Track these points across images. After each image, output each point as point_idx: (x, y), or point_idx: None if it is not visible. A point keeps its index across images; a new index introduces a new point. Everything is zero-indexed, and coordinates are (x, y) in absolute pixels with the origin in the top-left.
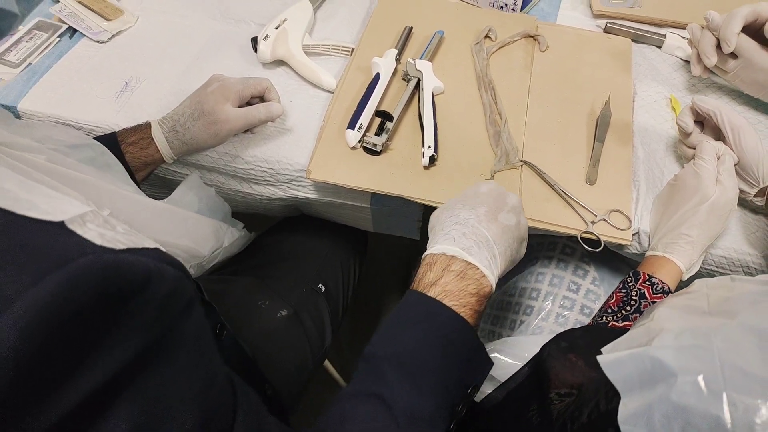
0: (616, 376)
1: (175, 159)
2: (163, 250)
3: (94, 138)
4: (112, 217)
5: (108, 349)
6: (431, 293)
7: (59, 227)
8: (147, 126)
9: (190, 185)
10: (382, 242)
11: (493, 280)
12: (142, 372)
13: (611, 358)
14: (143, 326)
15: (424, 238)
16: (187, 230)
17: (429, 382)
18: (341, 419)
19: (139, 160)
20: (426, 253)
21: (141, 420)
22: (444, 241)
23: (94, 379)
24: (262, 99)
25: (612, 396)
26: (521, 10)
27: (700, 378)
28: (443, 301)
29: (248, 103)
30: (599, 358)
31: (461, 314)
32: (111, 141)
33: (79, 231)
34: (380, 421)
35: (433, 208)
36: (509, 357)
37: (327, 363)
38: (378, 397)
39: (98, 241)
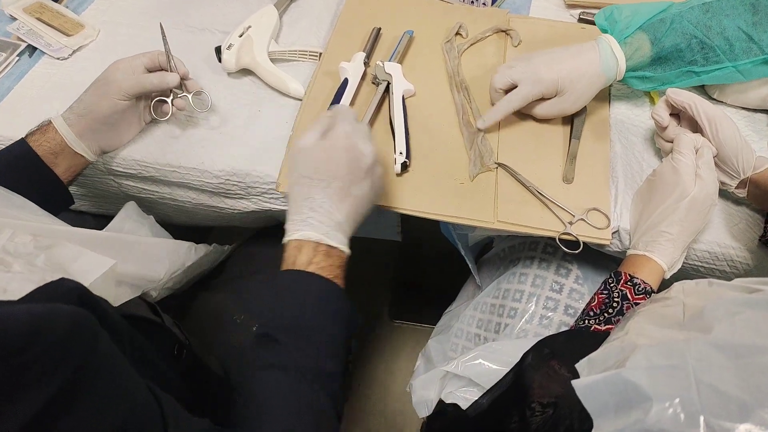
0: (589, 402)
1: (78, 140)
2: (70, 279)
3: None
4: (12, 242)
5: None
6: (309, 270)
7: None
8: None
9: (128, 213)
10: (364, 245)
11: (348, 250)
12: (57, 418)
13: (585, 383)
14: (42, 377)
15: (406, 239)
16: (133, 256)
17: (323, 340)
18: (253, 397)
19: (43, 147)
20: (290, 237)
21: None
22: (305, 228)
23: None
24: None
25: (585, 417)
26: (492, 5)
27: (676, 402)
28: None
29: None
30: (573, 382)
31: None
32: (20, 142)
33: None
34: (290, 385)
35: (411, 216)
36: (494, 363)
37: None
38: (282, 367)
39: None
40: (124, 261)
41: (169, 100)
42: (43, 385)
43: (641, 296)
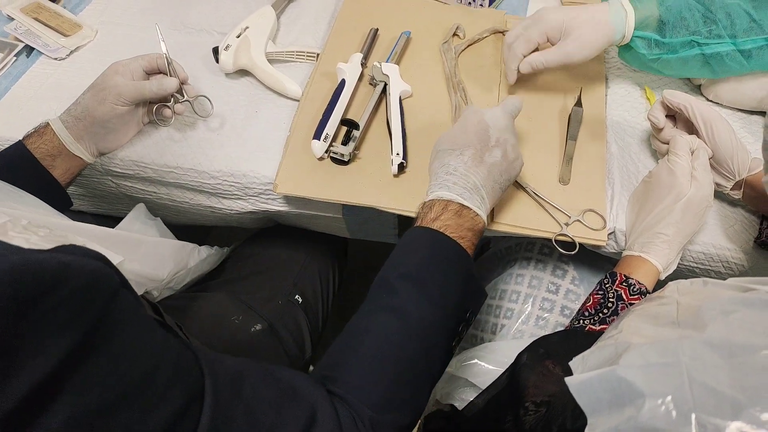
0: (583, 398)
1: (76, 143)
2: (87, 247)
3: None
4: (31, 224)
5: (32, 353)
6: (434, 227)
7: None
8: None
9: (137, 215)
10: (363, 246)
11: (484, 217)
12: (78, 367)
13: (579, 380)
14: (67, 323)
15: None
16: (139, 254)
17: (435, 294)
18: (359, 332)
19: (40, 149)
20: (425, 199)
21: (90, 407)
22: (439, 189)
23: (27, 381)
24: None
25: (578, 414)
26: (489, 5)
27: (669, 399)
28: (444, 233)
29: None
30: (567, 379)
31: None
32: (17, 145)
33: (3, 239)
34: (395, 327)
35: (408, 217)
36: (490, 363)
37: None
38: (391, 309)
39: (25, 246)
40: (130, 259)
41: (170, 105)
42: (69, 329)
43: (636, 297)
